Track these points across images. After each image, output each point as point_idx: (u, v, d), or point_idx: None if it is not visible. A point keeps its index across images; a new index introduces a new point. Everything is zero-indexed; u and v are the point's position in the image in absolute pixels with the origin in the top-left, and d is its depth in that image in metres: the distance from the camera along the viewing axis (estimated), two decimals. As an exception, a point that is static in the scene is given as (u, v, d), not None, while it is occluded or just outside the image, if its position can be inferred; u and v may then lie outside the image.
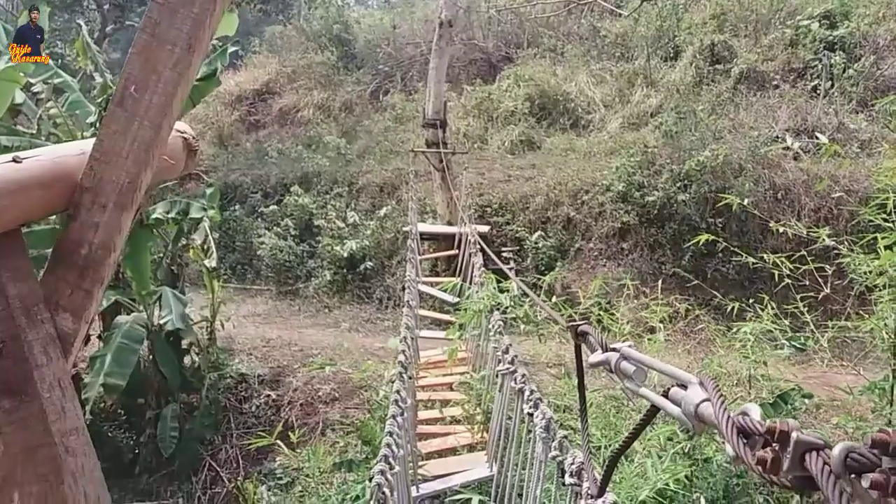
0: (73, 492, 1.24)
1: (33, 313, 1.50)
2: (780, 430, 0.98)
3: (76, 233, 1.68)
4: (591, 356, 1.79)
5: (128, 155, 1.74)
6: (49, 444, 1.39)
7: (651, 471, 5.27)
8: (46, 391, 1.47)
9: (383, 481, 3.03)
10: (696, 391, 1.25)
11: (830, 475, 0.88)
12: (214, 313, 9.54)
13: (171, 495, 8.35)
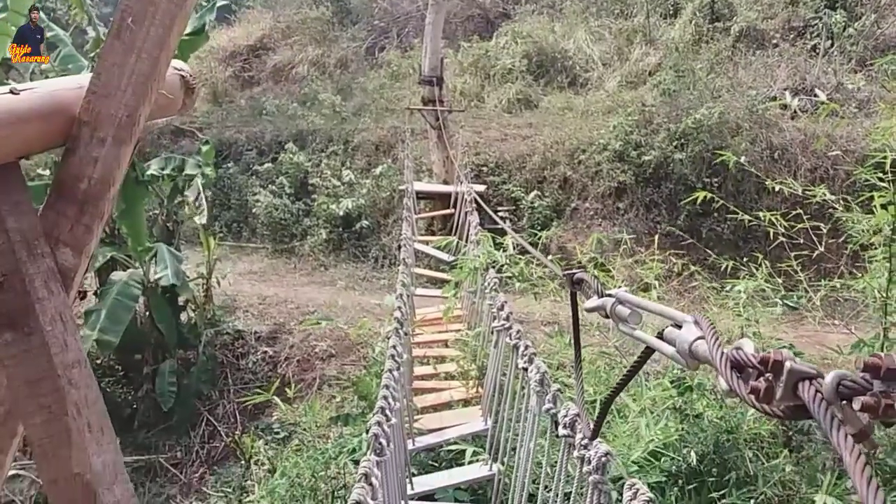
0: (76, 422, 1.26)
1: (33, 247, 1.50)
2: (774, 359, 0.99)
3: (75, 167, 1.67)
4: (587, 302, 1.81)
5: (126, 88, 1.72)
6: (52, 376, 1.40)
7: (644, 430, 5.36)
8: (48, 324, 1.48)
9: (380, 432, 3.08)
10: (690, 330, 1.26)
11: (822, 402, 0.90)
12: (210, 270, 9.56)
13: (170, 449, 8.47)
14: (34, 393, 1.42)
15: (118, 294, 7.78)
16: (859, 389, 0.88)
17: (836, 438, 0.85)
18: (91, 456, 1.18)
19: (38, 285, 1.49)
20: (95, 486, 1.17)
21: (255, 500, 5.76)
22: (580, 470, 3.06)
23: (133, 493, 1.27)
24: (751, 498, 5.23)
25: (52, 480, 1.19)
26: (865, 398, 0.85)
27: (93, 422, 1.22)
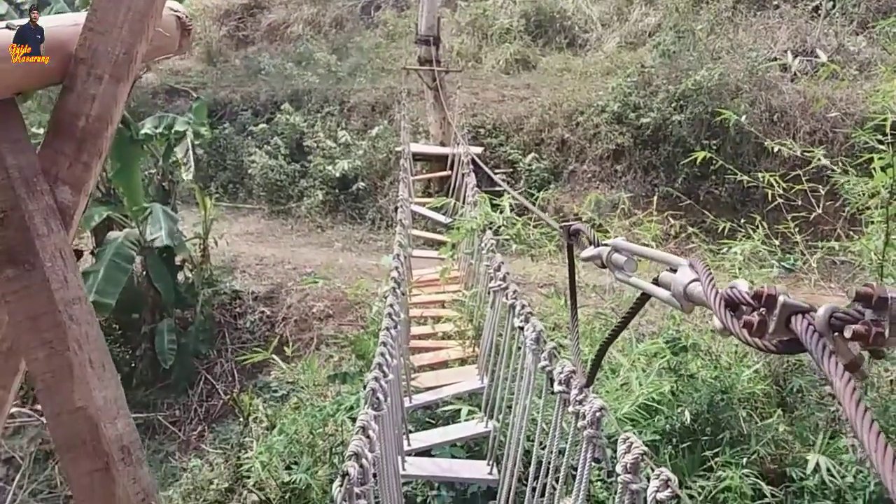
0: (77, 357, 1.27)
1: (32, 184, 1.49)
2: (768, 294, 1.00)
3: (73, 105, 1.64)
4: (584, 252, 1.82)
5: (122, 25, 1.70)
6: (53, 311, 1.41)
7: (636, 385, 5.41)
8: (49, 261, 1.48)
9: (377, 387, 3.11)
10: (685, 273, 1.27)
11: (814, 333, 0.91)
12: (207, 230, 9.55)
13: (168, 407, 8.55)
14: (36, 328, 1.43)
15: (114, 255, 7.77)
16: (850, 319, 0.89)
17: (828, 366, 0.86)
18: (93, 390, 1.19)
19: (37, 222, 1.48)
20: (98, 420, 1.18)
21: (253, 456, 5.83)
22: (575, 425, 3.10)
23: (135, 427, 1.28)
24: (744, 457, 5.31)
25: (55, 414, 1.20)
26: (856, 326, 0.86)
27: (94, 357, 1.23)
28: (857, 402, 0.81)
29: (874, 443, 0.78)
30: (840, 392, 0.83)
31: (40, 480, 7.75)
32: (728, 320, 1.07)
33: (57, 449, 1.18)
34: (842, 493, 5.16)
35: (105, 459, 1.16)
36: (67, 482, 1.17)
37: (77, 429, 1.19)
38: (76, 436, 1.19)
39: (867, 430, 0.79)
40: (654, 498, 2.19)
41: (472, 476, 4.88)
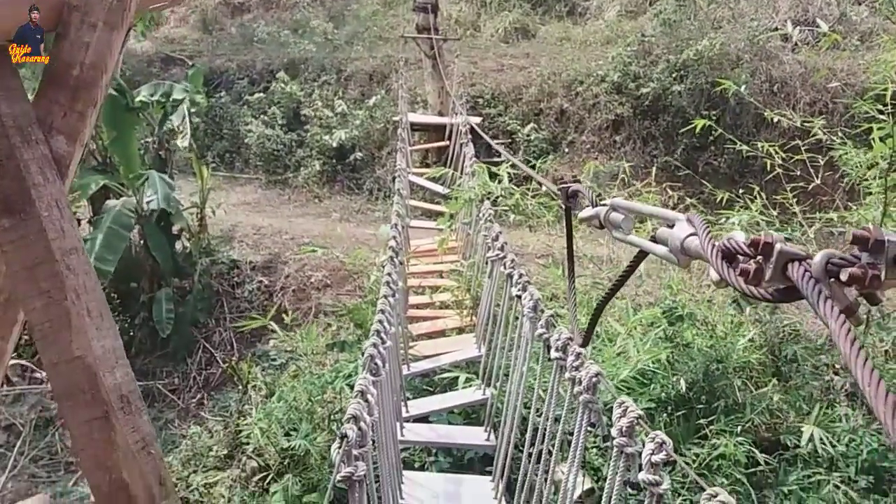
0: (75, 307, 1.27)
1: (27, 133, 1.47)
2: (765, 242, 1.00)
3: (66, 53, 1.62)
4: (582, 212, 1.82)
5: None
6: (50, 260, 1.40)
7: (633, 352, 5.45)
8: (45, 210, 1.47)
9: (376, 353, 3.13)
10: (682, 227, 1.27)
11: (811, 279, 0.92)
12: (204, 199, 9.51)
13: (167, 376, 8.59)
14: (33, 278, 1.42)
15: (112, 222, 7.75)
16: (847, 264, 0.89)
17: (823, 309, 0.87)
18: (91, 340, 1.19)
19: (33, 171, 1.46)
20: (96, 369, 1.18)
21: (252, 422, 5.88)
22: (571, 391, 3.13)
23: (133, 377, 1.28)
24: (738, 425, 5.37)
25: (54, 364, 1.21)
26: (853, 269, 0.87)
27: (92, 307, 1.23)
28: (851, 341, 0.82)
29: (868, 378, 0.79)
30: (836, 333, 0.84)
31: (41, 447, 7.81)
32: (724, 270, 1.08)
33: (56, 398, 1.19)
34: (834, 461, 5.23)
35: (104, 408, 1.17)
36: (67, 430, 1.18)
37: (76, 378, 1.19)
38: (75, 385, 1.19)
39: (861, 366, 0.80)
40: (648, 460, 2.22)
41: (470, 442, 4.93)
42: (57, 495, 6.96)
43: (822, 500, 5.01)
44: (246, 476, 5.91)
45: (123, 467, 1.14)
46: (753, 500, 5.02)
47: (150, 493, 1.13)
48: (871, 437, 5.19)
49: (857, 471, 5.13)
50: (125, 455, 1.14)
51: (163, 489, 1.15)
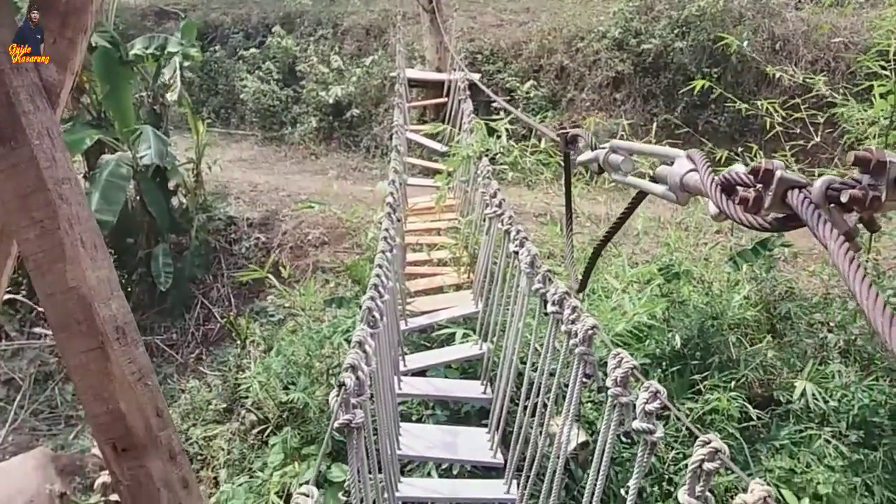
0: (69, 236, 1.25)
1: None
2: (765, 169, 1.00)
3: None
4: (581, 155, 1.81)
5: None
6: (42, 189, 1.38)
7: (629, 306, 5.48)
8: (36, 138, 1.44)
9: (373, 306, 3.13)
10: (682, 164, 1.26)
11: (811, 205, 0.91)
12: (200, 155, 9.44)
13: (165, 331, 8.64)
14: (26, 207, 1.40)
15: (109, 175, 7.70)
16: (847, 187, 0.89)
17: (822, 232, 0.87)
18: (86, 270, 1.18)
19: (23, 98, 1.43)
20: (91, 300, 1.18)
21: (251, 376, 5.93)
22: (567, 345, 3.15)
23: (129, 310, 1.29)
24: (732, 380, 5.43)
25: (49, 294, 1.20)
26: (853, 191, 0.87)
27: (86, 238, 1.22)
28: (850, 260, 0.83)
29: (866, 293, 0.80)
30: (834, 252, 0.84)
31: (41, 401, 7.89)
32: (723, 202, 1.08)
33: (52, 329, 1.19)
34: (826, 416, 5.30)
35: (100, 339, 1.17)
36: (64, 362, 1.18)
37: (70, 308, 1.19)
38: (70, 315, 1.19)
39: (860, 282, 0.81)
40: (642, 409, 2.24)
41: (466, 395, 4.98)
42: (58, 448, 7.04)
43: (812, 453, 5.10)
44: (245, 429, 5.99)
45: (120, 398, 1.15)
46: (746, 453, 5.10)
47: (148, 423, 1.14)
48: (863, 392, 5.26)
49: (848, 425, 5.21)
50: (122, 386, 1.14)
51: (160, 420, 1.16)
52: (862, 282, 0.80)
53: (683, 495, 1.86)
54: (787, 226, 1.00)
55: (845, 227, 0.89)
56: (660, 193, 1.36)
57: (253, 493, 5.33)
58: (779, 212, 1.00)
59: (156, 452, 1.12)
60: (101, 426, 1.14)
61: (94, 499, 6.15)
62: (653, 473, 5.06)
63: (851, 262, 0.81)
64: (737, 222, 1.06)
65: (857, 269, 0.81)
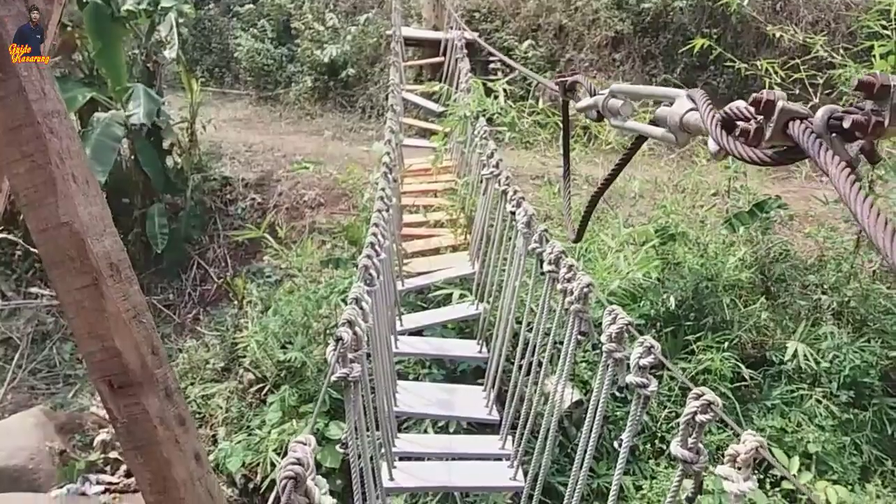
0: (60, 171, 1.24)
1: None
2: (766, 100, 1.00)
3: None
4: (580, 102, 1.79)
5: None
6: (32, 123, 1.36)
7: (623, 264, 5.51)
8: (24, 70, 1.40)
9: (370, 264, 3.14)
10: (682, 103, 1.26)
11: (812, 134, 0.91)
12: (194, 114, 9.34)
13: (162, 292, 8.64)
14: (15, 141, 1.37)
15: (101, 134, 7.62)
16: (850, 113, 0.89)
17: (823, 159, 0.87)
18: (78, 206, 1.17)
19: (10, 29, 1.39)
20: (84, 236, 1.17)
21: (248, 335, 5.96)
22: (562, 303, 3.17)
23: (123, 247, 1.29)
24: (725, 341, 5.48)
25: (41, 230, 1.19)
26: (856, 116, 0.86)
27: (77, 173, 1.20)
28: (851, 182, 0.83)
29: (867, 212, 0.80)
30: (835, 177, 0.84)
31: (39, 360, 7.93)
32: (722, 138, 1.07)
33: (46, 266, 1.19)
34: (817, 376, 5.37)
35: (93, 275, 1.16)
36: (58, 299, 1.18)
37: (63, 244, 1.18)
38: (63, 251, 1.18)
39: (861, 202, 0.81)
40: (636, 364, 2.27)
41: (462, 354, 5.02)
42: (57, 407, 7.11)
43: (803, 413, 5.18)
44: (243, 388, 6.04)
45: (115, 335, 1.15)
46: (738, 413, 5.18)
47: (144, 361, 1.15)
48: (855, 354, 5.32)
49: (838, 386, 5.28)
50: (116, 323, 1.15)
51: (156, 358, 1.16)
52: (864, 202, 0.80)
53: (676, 447, 1.88)
54: (788, 158, 1.00)
55: (847, 157, 0.89)
56: (659, 136, 1.35)
57: (251, 451, 5.41)
58: (779, 144, 1.00)
59: (152, 389, 1.13)
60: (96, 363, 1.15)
61: (93, 456, 6.24)
62: (645, 432, 5.14)
63: (853, 185, 0.82)
64: (737, 157, 1.06)
65: (858, 190, 0.81)
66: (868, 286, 5.95)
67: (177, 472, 1.16)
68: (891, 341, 5.51)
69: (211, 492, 1.19)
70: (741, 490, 1.61)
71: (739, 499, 1.62)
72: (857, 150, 0.91)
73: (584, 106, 1.73)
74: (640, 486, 4.84)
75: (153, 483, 1.16)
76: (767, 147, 1.01)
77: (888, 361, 5.42)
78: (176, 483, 1.15)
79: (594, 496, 4.81)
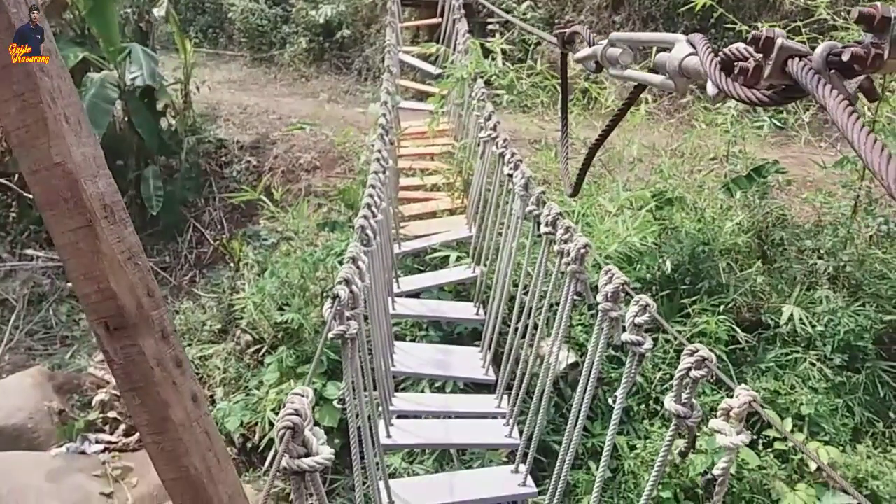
0: (52, 111, 1.21)
1: None
2: (766, 37, 0.99)
3: None
4: (578, 53, 1.77)
5: None
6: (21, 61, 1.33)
7: (621, 228, 5.50)
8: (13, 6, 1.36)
9: (367, 224, 3.13)
10: (682, 48, 1.24)
11: (811, 70, 0.90)
12: (188, 75, 9.22)
13: (158, 254, 8.62)
14: (6, 79, 1.34)
15: (95, 95, 7.53)
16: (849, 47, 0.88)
17: (822, 93, 0.86)
18: (70, 146, 1.15)
19: None
20: (77, 176, 1.15)
21: (245, 297, 5.97)
22: (559, 265, 3.17)
23: (117, 189, 1.28)
24: (721, 304, 5.51)
25: (33, 172, 1.18)
26: (855, 49, 0.86)
27: (69, 112, 1.18)
28: (849, 113, 0.82)
29: (864, 140, 0.80)
30: (833, 109, 0.84)
31: (35, 321, 7.94)
32: (721, 80, 1.06)
33: (39, 207, 1.18)
34: (812, 340, 5.41)
35: (87, 216, 1.15)
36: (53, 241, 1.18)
37: (56, 185, 1.17)
38: (56, 192, 1.16)
39: (858, 131, 0.81)
40: (632, 322, 2.27)
41: (459, 316, 5.04)
42: (54, 367, 7.14)
43: (797, 376, 5.23)
44: (240, 349, 6.06)
45: (111, 277, 1.14)
46: (732, 375, 5.22)
47: (140, 302, 1.14)
48: (849, 318, 5.35)
49: (832, 349, 5.32)
50: (112, 265, 1.14)
51: (152, 300, 1.16)
52: (860, 130, 0.80)
53: (670, 402, 1.90)
54: (786, 98, 1.00)
55: (845, 93, 0.88)
56: (658, 83, 1.33)
57: (249, 411, 5.45)
58: (778, 84, 0.99)
59: (148, 331, 1.13)
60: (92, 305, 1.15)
61: (92, 415, 6.29)
62: (640, 393, 5.18)
63: (850, 115, 0.81)
64: (735, 98, 1.05)
65: (856, 120, 0.81)
66: (864, 251, 5.96)
67: (174, 413, 1.16)
68: (885, 305, 5.54)
69: (209, 433, 1.20)
70: (734, 443, 1.63)
71: (732, 451, 1.64)
72: (855, 88, 0.90)
73: (583, 56, 1.70)
74: (633, 446, 4.90)
75: (151, 424, 1.17)
76: (766, 87, 1.00)
77: (882, 325, 5.46)
78: (174, 424, 1.16)
79: (588, 455, 4.87)
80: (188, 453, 1.22)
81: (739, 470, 4.81)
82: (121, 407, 6.36)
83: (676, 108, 9.42)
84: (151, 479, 5.51)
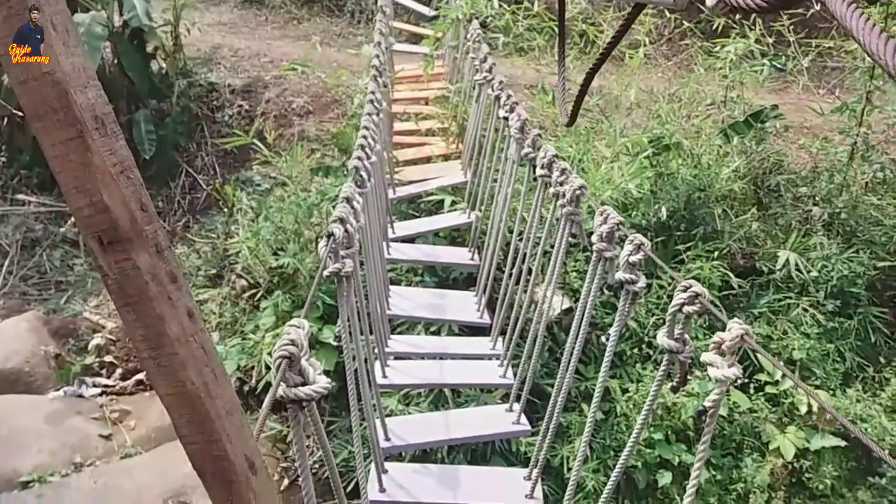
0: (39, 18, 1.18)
1: None
2: None
3: None
4: None
5: None
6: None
7: (617, 174, 5.48)
8: None
9: (361, 165, 3.10)
10: None
11: None
12: (178, 16, 9.00)
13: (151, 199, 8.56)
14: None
15: (83, 34, 7.34)
16: None
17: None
18: (59, 55, 1.11)
19: None
20: (67, 87, 1.12)
21: (239, 241, 5.95)
22: (554, 207, 3.16)
23: (108, 101, 1.25)
24: (715, 250, 5.52)
25: (22, 82, 1.14)
26: None
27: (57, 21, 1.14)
28: (847, 3, 0.82)
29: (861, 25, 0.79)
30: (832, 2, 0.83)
31: (29, 266, 7.92)
32: None
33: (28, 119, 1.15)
34: (805, 286, 5.45)
35: (78, 128, 1.12)
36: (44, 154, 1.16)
37: (46, 95, 1.13)
38: (45, 103, 1.13)
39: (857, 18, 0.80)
40: (626, 261, 2.27)
41: (454, 261, 5.05)
42: (50, 312, 7.15)
43: (790, 321, 5.28)
44: (236, 294, 6.07)
45: (103, 190, 1.12)
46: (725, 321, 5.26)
47: (133, 216, 1.13)
48: (843, 264, 5.38)
49: (825, 295, 5.37)
50: (104, 177, 1.12)
51: (145, 215, 1.15)
52: (859, 18, 0.78)
53: (662, 337, 1.91)
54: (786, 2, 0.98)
55: None
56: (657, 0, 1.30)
57: (246, 354, 5.49)
58: None
59: (142, 245, 1.11)
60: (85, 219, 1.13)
61: (88, 359, 6.33)
62: (633, 337, 5.24)
63: (849, 6, 0.80)
64: (734, 6, 1.03)
65: (855, 9, 0.79)
66: (859, 197, 5.97)
67: (170, 327, 1.16)
68: (879, 252, 5.57)
69: (205, 348, 1.20)
70: (725, 375, 1.64)
71: (723, 384, 1.65)
72: None
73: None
74: (626, 389, 4.97)
75: (147, 339, 1.17)
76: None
77: (875, 272, 5.50)
78: (170, 339, 1.16)
79: (581, 398, 4.95)
80: (185, 368, 1.22)
81: (731, 413, 4.90)
82: (117, 351, 6.40)
83: (675, 52, 9.27)
84: (150, 421, 5.58)
